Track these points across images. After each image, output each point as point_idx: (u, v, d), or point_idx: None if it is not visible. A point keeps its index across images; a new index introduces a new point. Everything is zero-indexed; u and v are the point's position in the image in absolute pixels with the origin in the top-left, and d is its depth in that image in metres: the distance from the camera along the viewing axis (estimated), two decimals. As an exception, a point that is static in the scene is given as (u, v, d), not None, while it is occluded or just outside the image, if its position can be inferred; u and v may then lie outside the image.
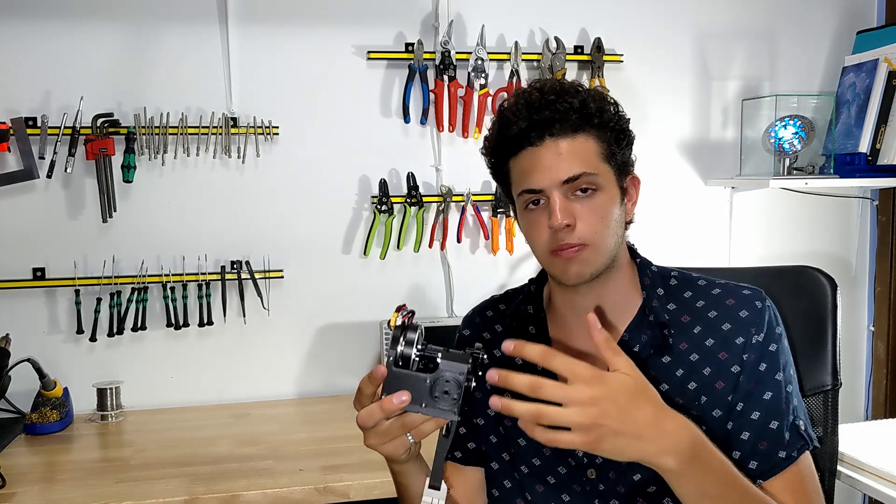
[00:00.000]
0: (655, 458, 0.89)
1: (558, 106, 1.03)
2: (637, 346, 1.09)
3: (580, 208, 1.04)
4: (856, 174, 2.24)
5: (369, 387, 0.92)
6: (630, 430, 0.87)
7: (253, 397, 2.18)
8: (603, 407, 0.85)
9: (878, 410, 2.50)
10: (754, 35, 2.42)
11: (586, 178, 1.03)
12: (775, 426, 1.03)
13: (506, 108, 1.09)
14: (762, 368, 1.05)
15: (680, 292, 1.12)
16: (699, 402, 1.06)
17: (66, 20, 2.03)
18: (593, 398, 0.85)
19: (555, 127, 1.03)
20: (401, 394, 0.88)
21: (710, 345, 1.07)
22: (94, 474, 1.64)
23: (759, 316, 1.07)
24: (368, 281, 2.23)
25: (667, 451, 0.89)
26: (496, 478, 1.18)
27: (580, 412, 0.85)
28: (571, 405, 0.85)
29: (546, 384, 0.85)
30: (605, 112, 1.06)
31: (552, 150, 1.04)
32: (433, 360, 0.89)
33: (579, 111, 1.04)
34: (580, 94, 1.05)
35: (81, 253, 2.08)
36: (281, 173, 2.16)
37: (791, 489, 1.03)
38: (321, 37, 2.17)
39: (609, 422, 0.85)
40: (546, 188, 1.04)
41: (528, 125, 1.04)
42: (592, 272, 1.06)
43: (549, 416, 0.85)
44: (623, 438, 0.87)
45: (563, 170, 1.03)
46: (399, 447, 0.96)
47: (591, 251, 1.04)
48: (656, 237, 2.23)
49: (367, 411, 0.91)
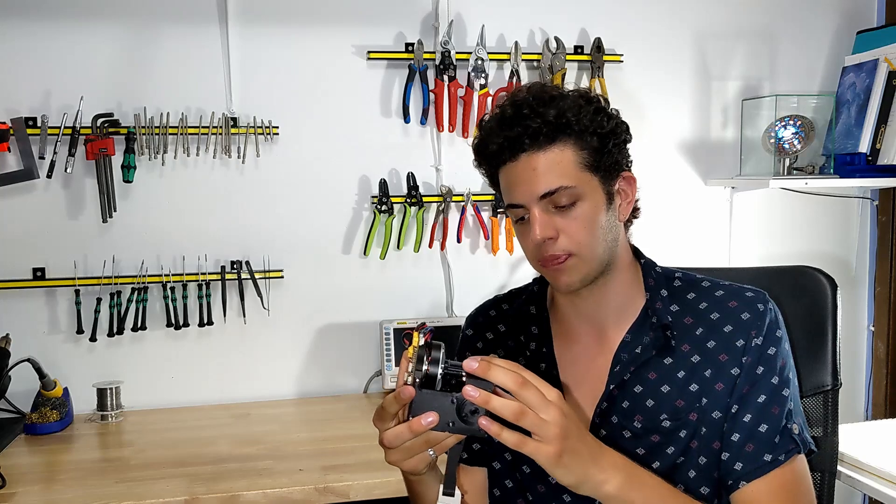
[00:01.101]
0: (598, 480, 0.92)
1: (529, 122, 1.02)
2: (639, 347, 1.09)
3: (561, 220, 1.04)
4: (856, 174, 2.24)
5: (394, 406, 0.91)
6: (583, 451, 0.90)
7: (253, 397, 2.18)
8: (570, 422, 0.88)
9: (878, 410, 2.50)
10: (754, 35, 2.42)
11: (563, 191, 1.03)
12: (764, 429, 1.04)
13: (483, 124, 1.09)
14: (759, 371, 1.05)
15: (683, 294, 1.12)
16: (700, 403, 1.06)
17: (66, 20, 2.03)
18: (563, 412, 0.88)
19: (525, 143, 1.03)
20: (428, 415, 0.88)
21: (711, 346, 1.07)
22: (94, 474, 1.64)
23: (761, 318, 1.07)
24: (368, 281, 2.23)
25: (607, 472, 0.92)
26: (497, 478, 1.18)
27: (554, 421, 0.86)
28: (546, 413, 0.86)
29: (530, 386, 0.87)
30: (582, 118, 1.03)
31: (527, 165, 1.03)
32: (458, 378, 0.90)
33: (553, 123, 1.02)
34: (556, 103, 1.03)
35: (81, 253, 2.08)
36: (281, 173, 2.16)
37: (774, 493, 1.03)
38: (321, 37, 2.17)
39: (572, 437, 0.88)
40: (525, 203, 1.04)
41: (501, 142, 1.04)
42: (582, 279, 1.06)
43: (528, 417, 0.86)
44: (577, 458, 0.89)
45: (540, 185, 1.03)
46: (421, 462, 0.95)
47: (577, 260, 1.05)
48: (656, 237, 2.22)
49: (395, 433, 0.91)
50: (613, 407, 1.09)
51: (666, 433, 1.06)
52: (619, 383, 1.09)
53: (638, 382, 1.08)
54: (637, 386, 1.08)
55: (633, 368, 1.08)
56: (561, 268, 1.05)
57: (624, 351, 1.10)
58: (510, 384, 0.86)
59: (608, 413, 1.09)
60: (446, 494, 0.96)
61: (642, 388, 1.08)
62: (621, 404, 1.09)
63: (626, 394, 1.09)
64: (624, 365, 1.09)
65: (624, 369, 1.09)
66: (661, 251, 1.22)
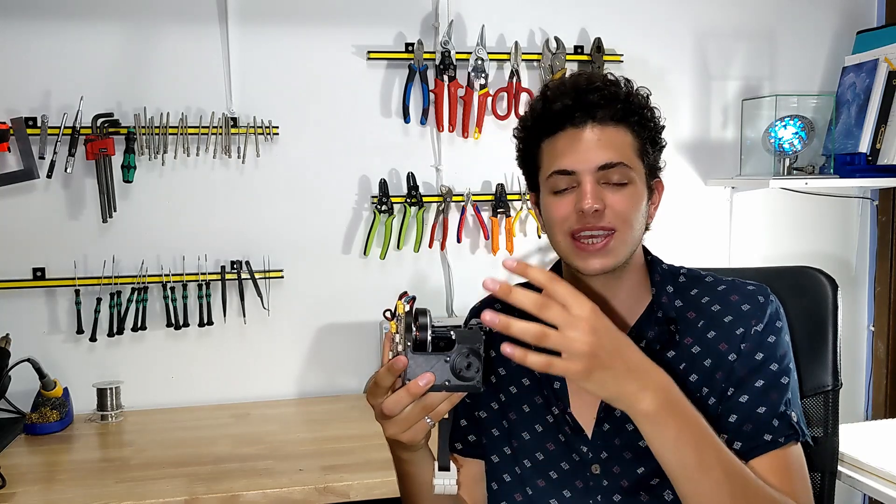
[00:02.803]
0: (634, 397, 0.87)
1: (606, 92, 1.04)
2: (643, 341, 1.09)
3: (611, 196, 1.05)
4: (856, 174, 2.24)
5: (388, 378, 0.91)
6: (619, 366, 0.86)
7: (253, 397, 2.18)
8: (601, 338, 0.84)
9: (878, 410, 2.50)
10: (754, 35, 2.42)
11: (621, 168, 1.04)
12: (762, 411, 1.03)
13: (552, 85, 1.09)
14: (758, 357, 1.06)
15: (687, 289, 1.13)
16: (700, 393, 1.06)
17: (66, 20, 2.03)
18: (594, 328, 0.84)
19: (599, 112, 1.04)
20: (424, 375, 0.89)
21: (711, 337, 1.08)
22: (94, 474, 1.64)
23: (761, 309, 1.08)
24: (368, 281, 2.23)
25: (646, 389, 0.87)
26: (496, 471, 1.18)
27: (580, 339, 0.83)
28: (573, 330, 0.83)
29: (552, 304, 0.83)
30: (646, 110, 1.08)
31: (593, 134, 1.04)
32: (447, 339, 0.90)
33: (624, 102, 1.05)
34: (627, 88, 1.07)
35: (81, 253, 2.08)
36: (281, 173, 2.16)
37: (774, 470, 1.01)
38: (321, 37, 2.17)
39: (603, 353, 0.84)
40: (580, 171, 1.04)
41: (573, 104, 1.04)
42: (616, 263, 1.06)
43: (551, 337, 0.83)
44: (611, 372, 0.85)
45: (601, 156, 1.04)
46: (420, 431, 0.94)
47: (618, 239, 1.05)
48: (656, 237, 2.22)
49: (394, 399, 0.90)
50: None
51: None
52: None
53: None
54: None
55: None
56: (601, 249, 1.04)
57: None
58: (530, 306, 0.83)
59: (611, 408, 1.09)
60: (442, 469, 0.97)
61: None
62: None
63: None
64: None
65: None
66: (661, 251, 1.22)
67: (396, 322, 0.91)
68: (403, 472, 1.09)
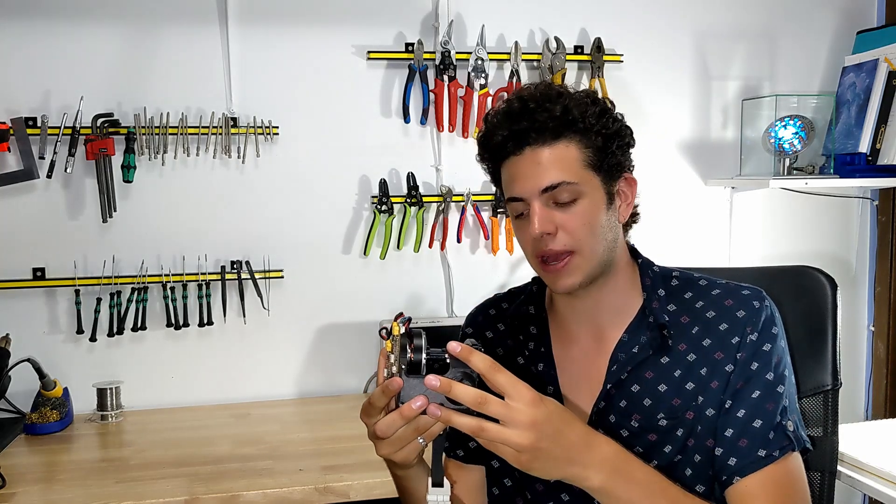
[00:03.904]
0: (579, 477, 0.92)
1: (536, 116, 1.03)
2: (636, 346, 1.09)
3: (561, 216, 1.04)
4: (856, 174, 2.24)
5: (382, 399, 0.92)
6: (561, 454, 0.90)
7: (253, 397, 2.18)
8: (541, 430, 0.88)
9: (878, 410, 2.50)
10: (754, 35, 2.42)
11: (565, 187, 1.03)
12: (758, 425, 1.03)
13: (489, 118, 1.09)
14: (753, 367, 1.05)
15: (681, 293, 1.12)
16: (696, 402, 1.06)
17: (66, 20, 2.03)
18: (533, 421, 0.87)
19: (531, 136, 1.03)
20: (417, 399, 0.90)
21: (707, 345, 1.08)
22: (93, 474, 1.64)
23: (756, 315, 1.07)
24: (368, 281, 2.23)
25: (589, 468, 0.92)
26: (497, 476, 1.18)
27: (520, 434, 0.87)
28: (512, 426, 0.87)
29: (491, 401, 0.87)
30: (588, 117, 1.04)
31: (531, 159, 1.04)
32: (442, 361, 0.91)
33: (559, 118, 1.03)
34: (562, 100, 1.04)
35: (81, 253, 2.08)
36: (281, 173, 2.16)
37: (766, 488, 1.02)
38: (321, 37, 2.17)
39: (544, 444, 0.88)
40: (526, 197, 1.05)
41: (507, 135, 1.05)
42: (582, 281, 1.06)
43: (489, 433, 0.88)
44: (553, 460, 0.90)
45: (542, 179, 1.03)
46: (412, 451, 0.96)
47: (579, 259, 1.05)
48: (656, 237, 2.23)
49: (387, 422, 0.92)
50: (611, 406, 1.09)
51: (663, 432, 1.07)
52: (616, 383, 1.09)
53: (635, 382, 1.09)
54: (634, 385, 1.09)
55: (630, 368, 1.08)
56: (562, 270, 1.05)
57: (621, 351, 1.10)
58: (470, 402, 0.87)
59: (605, 412, 1.09)
60: (436, 485, 0.98)
61: (639, 388, 1.08)
62: (619, 404, 1.09)
63: (623, 393, 1.09)
64: (621, 365, 1.09)
65: (621, 369, 1.09)
66: (661, 251, 1.22)
67: (392, 342, 0.92)
68: (400, 486, 1.10)
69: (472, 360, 0.88)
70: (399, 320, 0.92)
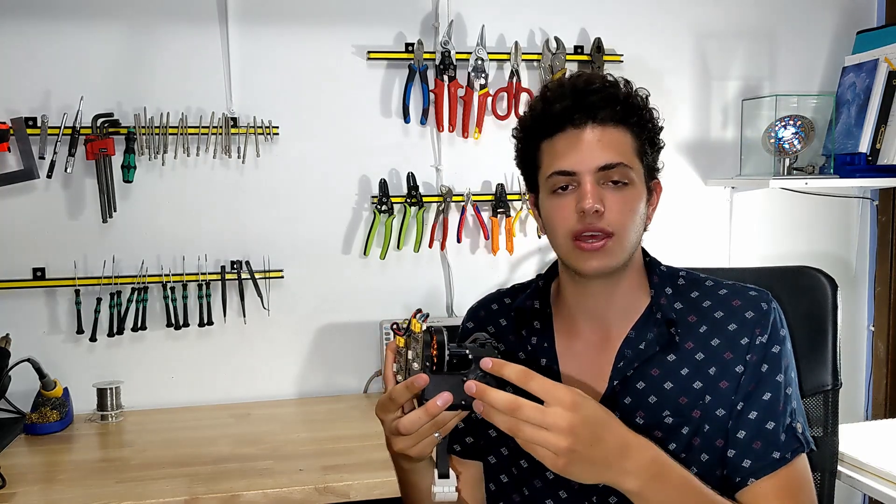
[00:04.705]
0: (618, 480, 0.90)
1: (605, 93, 1.04)
2: (643, 343, 1.09)
3: (611, 197, 1.04)
4: (856, 174, 2.24)
5: (405, 395, 0.92)
6: (599, 457, 0.88)
7: (253, 397, 2.18)
8: (578, 433, 0.85)
9: (878, 410, 2.50)
10: (754, 35, 2.42)
11: (621, 169, 1.04)
12: (771, 427, 1.04)
13: (551, 86, 1.09)
14: (764, 369, 1.06)
15: (687, 292, 1.13)
16: (703, 401, 1.06)
17: (66, 20, 2.03)
18: (571, 425, 0.85)
19: (599, 113, 1.04)
20: (442, 395, 0.90)
21: (715, 345, 1.08)
22: (94, 474, 1.64)
23: (765, 317, 1.07)
24: (368, 281, 2.23)
25: (629, 472, 0.90)
26: (494, 472, 1.18)
27: (556, 437, 0.84)
28: (549, 430, 0.85)
29: (525, 406, 0.85)
30: (645, 111, 1.08)
31: (593, 134, 1.04)
32: (465, 358, 0.91)
33: (624, 103, 1.05)
34: (626, 89, 1.07)
35: (81, 253, 2.08)
36: (281, 173, 2.16)
37: (780, 490, 1.03)
38: (321, 37, 2.17)
39: (581, 447, 0.86)
40: (580, 172, 1.04)
41: (573, 105, 1.04)
42: (614, 265, 1.06)
43: (525, 433, 0.85)
44: (590, 464, 0.87)
45: (602, 156, 1.04)
46: (429, 445, 0.96)
47: (616, 242, 1.05)
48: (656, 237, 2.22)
49: (411, 420, 0.92)
50: (616, 403, 1.09)
51: (668, 430, 1.07)
52: (622, 379, 1.09)
53: (641, 379, 1.09)
54: (640, 382, 1.09)
55: (636, 365, 1.08)
56: (599, 250, 1.04)
57: (628, 347, 1.10)
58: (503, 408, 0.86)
59: (610, 409, 1.09)
60: (442, 476, 0.98)
61: (645, 385, 1.08)
62: (624, 400, 1.09)
63: (628, 390, 1.09)
64: (628, 361, 1.09)
65: (627, 365, 1.09)
66: (660, 251, 1.22)
67: (408, 338, 0.91)
68: (405, 480, 1.10)
69: (505, 373, 0.87)
70: (418, 317, 0.92)
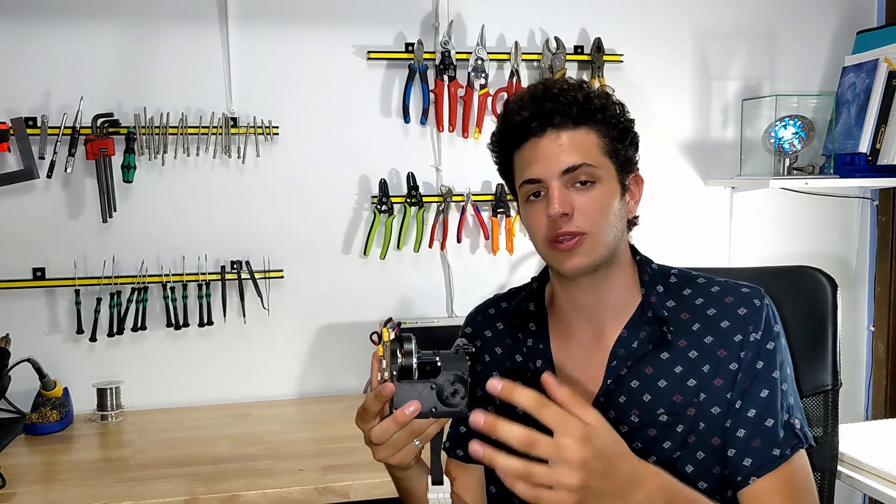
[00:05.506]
0: None
1: (561, 98, 1.06)
2: (635, 342, 1.10)
3: (579, 199, 1.05)
4: (856, 174, 2.24)
5: (375, 405, 0.93)
6: (612, 490, 0.85)
7: (253, 397, 2.18)
8: (591, 468, 0.82)
9: (878, 410, 2.50)
10: (754, 35, 2.42)
11: (585, 168, 1.05)
12: (770, 424, 1.04)
13: (511, 100, 1.11)
14: (759, 366, 1.06)
15: (679, 290, 1.13)
16: (697, 398, 1.06)
17: (66, 20, 2.03)
18: (583, 460, 0.81)
19: (556, 118, 1.05)
20: (410, 404, 0.90)
21: (708, 342, 1.08)
22: (93, 474, 1.64)
23: (758, 314, 1.08)
24: (368, 281, 2.23)
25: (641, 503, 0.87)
26: (495, 476, 1.18)
27: (570, 474, 0.80)
28: (560, 465, 0.81)
29: (540, 442, 0.81)
30: (608, 109, 1.08)
31: (553, 140, 1.06)
32: (433, 365, 0.91)
33: (582, 105, 1.06)
34: (584, 90, 1.08)
35: (81, 253, 2.08)
36: (281, 173, 2.16)
37: (782, 487, 1.03)
38: (321, 37, 2.17)
39: (595, 483, 0.82)
40: (545, 178, 1.06)
41: (530, 115, 1.06)
42: (592, 263, 1.07)
43: (539, 477, 0.80)
44: (604, 498, 0.84)
45: (563, 160, 1.05)
46: (409, 454, 0.97)
47: (590, 241, 1.06)
48: (656, 237, 2.23)
49: (381, 429, 0.93)
50: (610, 402, 1.09)
51: (663, 427, 1.07)
52: (615, 378, 1.09)
53: (635, 377, 1.09)
54: (634, 381, 1.09)
55: (629, 363, 1.09)
56: (574, 249, 1.05)
57: (621, 346, 1.10)
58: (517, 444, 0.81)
59: (605, 408, 1.09)
60: (436, 483, 0.98)
61: (639, 383, 1.09)
62: (618, 399, 1.09)
63: (622, 389, 1.09)
64: (621, 360, 1.09)
65: (621, 364, 1.09)
66: (661, 251, 1.22)
67: (383, 347, 0.92)
68: (400, 486, 1.11)
69: (516, 398, 0.82)
70: (388, 325, 0.93)
